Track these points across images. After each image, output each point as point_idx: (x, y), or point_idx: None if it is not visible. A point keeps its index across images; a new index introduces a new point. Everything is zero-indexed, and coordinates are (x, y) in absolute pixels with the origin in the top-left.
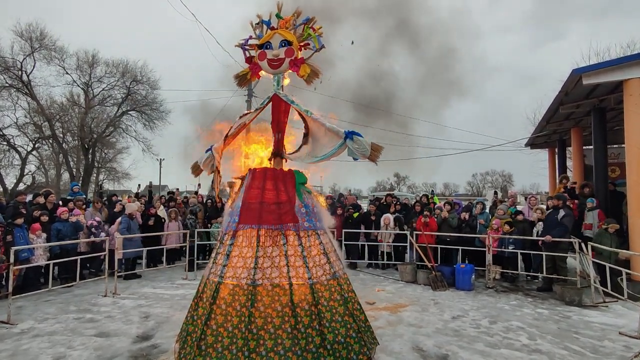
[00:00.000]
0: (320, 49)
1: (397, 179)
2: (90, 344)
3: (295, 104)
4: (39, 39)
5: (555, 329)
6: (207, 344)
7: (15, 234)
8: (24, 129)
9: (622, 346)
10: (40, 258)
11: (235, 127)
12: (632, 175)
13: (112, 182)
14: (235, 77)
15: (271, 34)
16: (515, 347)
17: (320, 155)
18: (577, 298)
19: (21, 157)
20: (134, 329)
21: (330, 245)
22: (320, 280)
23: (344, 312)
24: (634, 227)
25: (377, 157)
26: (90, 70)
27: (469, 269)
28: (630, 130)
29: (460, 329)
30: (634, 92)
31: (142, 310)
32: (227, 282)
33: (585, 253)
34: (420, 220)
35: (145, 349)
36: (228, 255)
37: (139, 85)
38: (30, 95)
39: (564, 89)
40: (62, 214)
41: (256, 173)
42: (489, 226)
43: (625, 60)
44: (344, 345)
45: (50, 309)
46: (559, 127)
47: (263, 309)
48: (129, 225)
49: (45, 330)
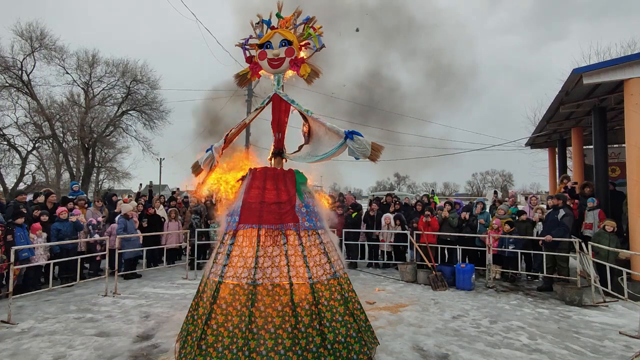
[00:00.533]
0: (321, 48)
1: (397, 179)
2: (90, 343)
3: (295, 104)
4: (39, 38)
5: (556, 328)
6: (208, 344)
7: (16, 233)
8: (24, 129)
9: (623, 346)
10: (40, 258)
11: (236, 127)
12: (633, 174)
13: (112, 182)
14: (235, 77)
15: (271, 34)
16: (516, 346)
17: (320, 154)
18: (578, 298)
19: (21, 157)
20: (134, 328)
21: (330, 244)
22: (321, 279)
23: (344, 312)
24: (634, 227)
25: (377, 156)
26: (90, 69)
27: (469, 269)
28: (631, 129)
29: (461, 329)
30: (634, 91)
31: (142, 309)
32: (228, 282)
33: (585, 253)
34: (422, 220)
35: (145, 349)
36: (228, 255)
37: (139, 84)
38: (30, 95)
39: (565, 88)
40: (62, 214)
41: (257, 173)
42: (490, 226)
43: (626, 59)
44: (344, 345)
45: (50, 309)
46: (559, 127)
47: (263, 309)
48: (126, 226)
49: (46, 330)
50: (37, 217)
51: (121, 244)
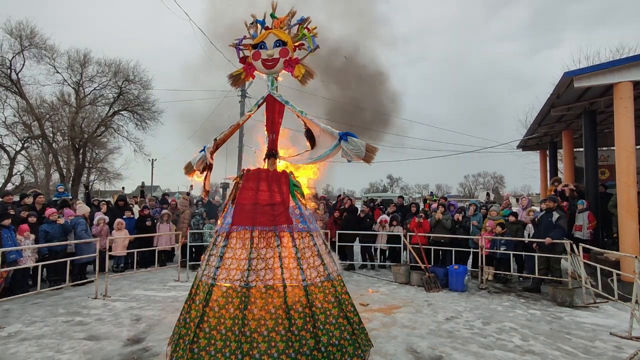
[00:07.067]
0: (315, 49)
1: (390, 180)
2: (79, 347)
3: (289, 104)
4: (29, 37)
5: (548, 329)
6: (200, 347)
7: (3, 235)
8: (13, 128)
9: (614, 347)
10: (28, 260)
11: (229, 128)
12: (622, 177)
13: (103, 183)
14: (229, 77)
15: (265, 34)
16: (509, 348)
17: (315, 156)
18: (569, 299)
19: (9, 157)
20: (124, 331)
21: (324, 247)
22: (315, 282)
23: (338, 314)
24: (623, 228)
25: (371, 158)
26: (81, 69)
27: (462, 270)
28: (620, 132)
29: (454, 330)
30: (623, 95)
31: (133, 312)
32: (220, 284)
33: (576, 254)
34: (414, 221)
35: (136, 352)
36: (221, 257)
37: (131, 85)
38: (19, 94)
39: (556, 91)
40: (51, 216)
41: (250, 174)
42: (483, 227)
43: (616, 63)
44: (338, 347)
45: (38, 312)
46: (550, 130)
47: (256, 311)
48: (86, 227)
49: (33, 334)
50: (24, 218)
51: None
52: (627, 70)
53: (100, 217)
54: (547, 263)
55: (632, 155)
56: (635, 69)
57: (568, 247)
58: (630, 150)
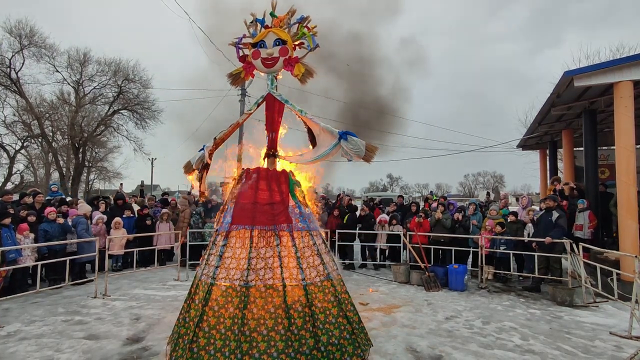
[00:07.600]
0: (315, 48)
1: (389, 180)
2: (79, 346)
3: (289, 103)
4: (29, 36)
5: (547, 329)
6: (200, 347)
7: (2, 234)
8: (12, 127)
9: (613, 346)
10: (28, 259)
11: (228, 127)
12: (622, 176)
13: (103, 182)
14: (228, 76)
15: (265, 33)
16: (508, 347)
17: (315, 155)
18: (569, 298)
19: (9, 156)
20: (124, 331)
21: (323, 246)
22: (314, 281)
23: (337, 314)
24: (623, 228)
25: (371, 157)
26: (81, 68)
27: (462, 270)
28: (620, 132)
29: (454, 330)
30: (624, 94)
31: (132, 311)
32: (220, 284)
33: (576, 254)
34: (414, 220)
35: (135, 352)
36: (221, 256)
37: (130, 84)
38: (18, 93)
39: (556, 90)
40: (50, 214)
41: (250, 173)
42: (483, 227)
43: (616, 63)
44: (337, 346)
45: (37, 311)
46: (550, 129)
47: (256, 311)
48: (87, 227)
49: (33, 333)
50: (24, 217)
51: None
52: (628, 69)
53: (99, 216)
54: (547, 262)
55: (632, 155)
56: (635, 68)
57: (568, 247)
58: (630, 150)
